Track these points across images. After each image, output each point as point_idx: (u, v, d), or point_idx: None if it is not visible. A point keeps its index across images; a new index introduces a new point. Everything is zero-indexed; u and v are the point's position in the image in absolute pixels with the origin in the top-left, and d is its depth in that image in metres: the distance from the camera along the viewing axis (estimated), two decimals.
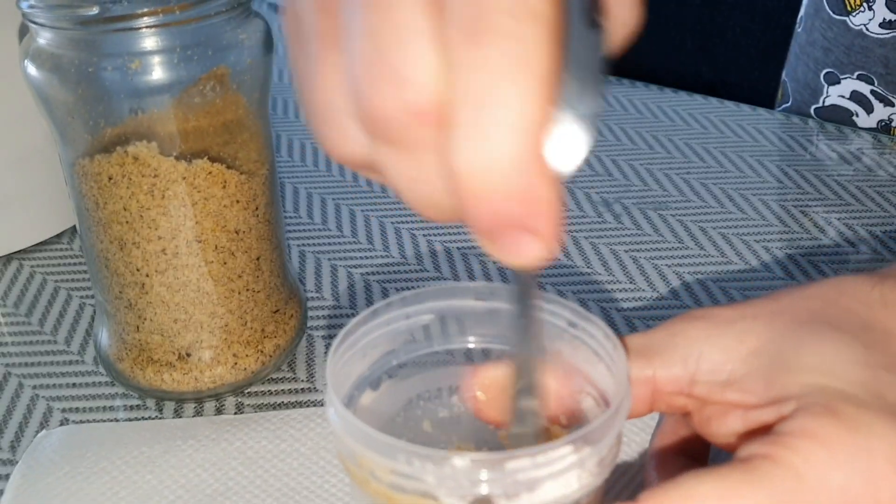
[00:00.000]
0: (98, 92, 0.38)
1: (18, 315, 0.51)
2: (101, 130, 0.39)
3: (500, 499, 0.26)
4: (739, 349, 0.29)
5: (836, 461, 0.25)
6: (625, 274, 0.54)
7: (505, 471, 0.25)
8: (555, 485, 0.26)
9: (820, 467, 0.25)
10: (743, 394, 0.29)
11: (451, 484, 0.26)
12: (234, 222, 0.42)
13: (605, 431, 0.27)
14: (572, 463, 0.26)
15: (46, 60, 0.38)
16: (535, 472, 0.25)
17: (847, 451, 0.25)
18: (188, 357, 0.43)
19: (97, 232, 0.42)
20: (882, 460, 0.25)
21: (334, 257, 0.56)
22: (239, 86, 0.40)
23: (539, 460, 0.25)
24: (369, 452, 0.26)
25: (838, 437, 0.26)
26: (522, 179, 0.21)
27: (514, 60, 0.19)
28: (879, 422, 0.26)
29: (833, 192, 0.62)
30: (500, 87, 0.20)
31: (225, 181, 0.41)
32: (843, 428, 0.26)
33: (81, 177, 0.41)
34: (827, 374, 0.27)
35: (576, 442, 0.26)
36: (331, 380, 0.29)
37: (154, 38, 0.38)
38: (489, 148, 0.20)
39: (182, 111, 0.39)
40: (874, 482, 0.25)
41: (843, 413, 0.26)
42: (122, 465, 0.39)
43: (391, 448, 0.26)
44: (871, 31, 0.66)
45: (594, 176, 0.65)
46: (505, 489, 0.26)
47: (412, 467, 0.26)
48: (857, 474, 0.25)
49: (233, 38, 0.40)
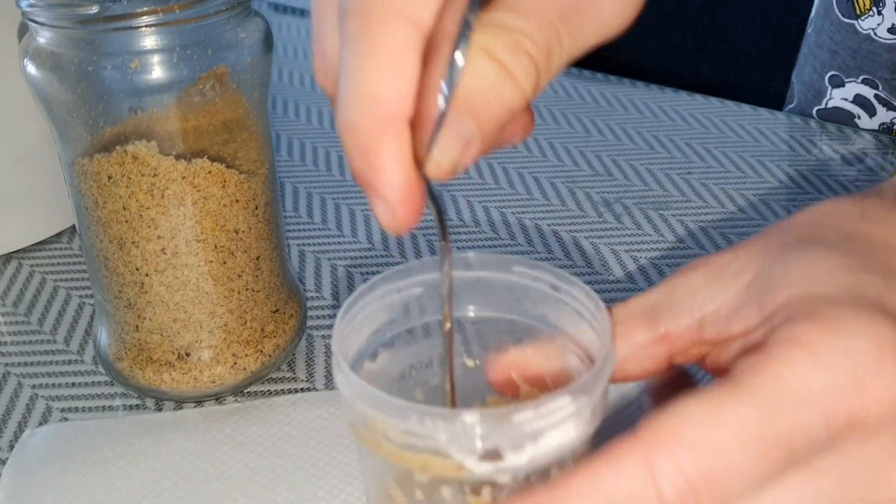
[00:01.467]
0: (97, 91, 0.38)
1: (18, 314, 0.51)
2: (101, 129, 0.39)
3: (506, 451, 0.27)
4: (737, 285, 0.30)
5: (818, 364, 0.25)
6: (625, 274, 0.54)
7: (511, 423, 0.27)
8: (555, 434, 0.28)
9: (802, 371, 0.25)
10: (743, 322, 0.29)
11: (462, 440, 0.27)
12: (234, 222, 0.42)
13: (596, 382, 0.28)
14: (571, 413, 0.27)
15: (46, 59, 0.38)
16: (539, 422, 0.27)
17: (829, 352, 0.26)
18: (187, 357, 0.43)
19: (96, 231, 0.42)
20: (863, 357, 0.25)
21: (334, 257, 0.56)
22: (239, 85, 0.40)
23: (541, 411, 0.27)
24: (381, 415, 0.27)
25: (820, 339, 0.26)
26: (364, 141, 0.25)
27: (372, 51, 0.25)
28: (860, 320, 0.26)
29: (834, 192, 0.62)
30: (359, 68, 0.25)
31: (224, 180, 0.41)
32: (824, 330, 0.26)
33: (81, 176, 0.41)
34: (811, 283, 0.28)
35: (573, 392, 0.27)
36: (337, 349, 0.30)
37: (154, 37, 0.37)
38: (344, 112, 0.26)
39: (182, 110, 0.39)
40: (858, 380, 0.25)
41: (824, 316, 0.26)
42: (113, 458, 0.40)
43: (403, 409, 0.27)
44: (880, 35, 0.66)
45: (595, 176, 0.65)
46: (511, 441, 0.27)
47: (424, 426, 0.27)
48: (840, 374, 0.25)
49: (232, 37, 0.40)
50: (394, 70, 0.25)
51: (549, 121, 0.74)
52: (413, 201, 0.27)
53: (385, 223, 0.27)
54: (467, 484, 0.28)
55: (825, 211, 0.31)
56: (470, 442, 0.27)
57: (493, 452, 0.27)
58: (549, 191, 0.63)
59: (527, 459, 0.27)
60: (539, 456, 0.27)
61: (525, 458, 0.27)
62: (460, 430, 0.27)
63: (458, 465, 0.27)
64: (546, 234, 0.58)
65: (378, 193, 0.26)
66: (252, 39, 0.40)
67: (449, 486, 0.29)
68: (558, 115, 0.75)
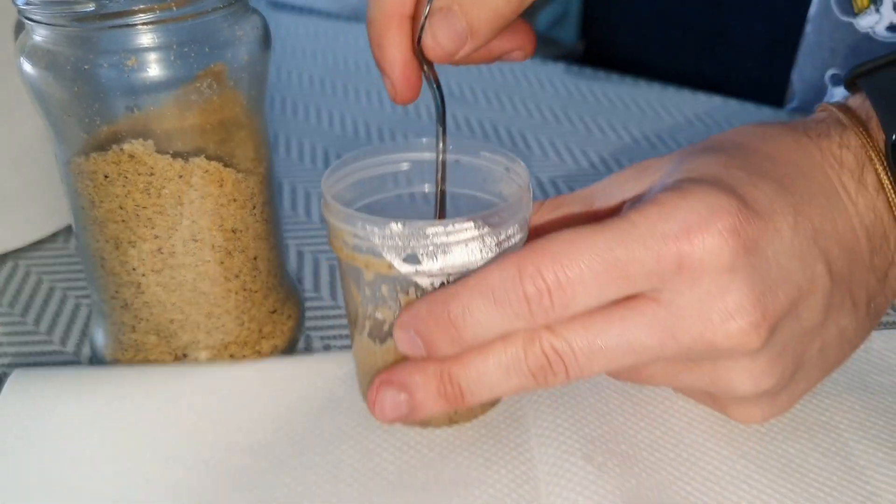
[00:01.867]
0: (94, 89, 0.38)
1: (14, 315, 0.51)
2: (97, 128, 0.39)
3: (423, 257, 0.36)
4: (652, 178, 0.38)
5: (662, 215, 0.33)
6: None
7: (426, 234, 0.35)
8: (462, 251, 0.36)
9: (651, 218, 0.33)
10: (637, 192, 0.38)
11: (390, 243, 0.35)
12: (231, 221, 0.41)
13: (501, 216, 0.36)
14: (473, 236, 0.36)
15: (42, 57, 0.38)
16: (446, 237, 0.35)
17: (672, 208, 0.33)
18: (185, 357, 0.43)
19: (93, 231, 0.41)
20: (697, 215, 0.32)
21: (333, 257, 0.56)
22: (236, 83, 0.40)
23: (448, 229, 0.35)
24: (340, 223, 0.36)
25: (670, 199, 0.33)
26: (376, 31, 0.37)
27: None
28: (708, 192, 0.33)
29: None
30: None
31: (222, 179, 0.41)
32: (676, 195, 0.33)
33: (77, 175, 0.40)
34: (691, 172, 0.35)
35: (475, 220, 0.36)
36: (324, 189, 0.38)
37: (150, 34, 0.37)
38: (368, 13, 0.38)
39: (178, 109, 0.39)
40: (689, 230, 0.32)
41: (683, 188, 0.34)
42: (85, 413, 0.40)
43: (352, 217, 0.36)
44: (878, 34, 0.65)
45: (596, 174, 0.65)
46: (425, 249, 0.35)
47: (364, 231, 0.36)
48: (676, 224, 0.32)
49: (230, 34, 0.39)
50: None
51: (550, 119, 0.74)
52: (409, 78, 0.37)
53: (391, 96, 0.38)
54: (398, 283, 0.36)
55: (738, 130, 0.39)
56: (395, 246, 0.35)
57: (412, 257, 0.36)
58: (550, 190, 0.63)
59: (438, 267, 0.36)
60: (448, 266, 0.36)
61: (437, 266, 0.36)
62: (388, 235, 0.35)
63: (388, 264, 0.36)
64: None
65: (384, 72, 0.37)
66: (250, 37, 0.40)
67: (386, 285, 0.37)
68: (559, 114, 0.75)
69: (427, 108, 0.76)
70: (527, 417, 0.40)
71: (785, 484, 0.37)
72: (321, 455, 0.38)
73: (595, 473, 0.37)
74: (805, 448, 0.38)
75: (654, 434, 0.39)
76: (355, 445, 0.39)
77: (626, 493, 0.36)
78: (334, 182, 0.39)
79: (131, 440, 0.39)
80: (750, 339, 0.33)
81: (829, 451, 0.38)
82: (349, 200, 0.40)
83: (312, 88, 0.81)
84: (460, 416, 0.40)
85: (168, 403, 0.41)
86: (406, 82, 0.37)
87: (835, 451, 0.38)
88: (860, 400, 0.41)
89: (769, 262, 0.33)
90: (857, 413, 0.40)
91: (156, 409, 0.40)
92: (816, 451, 0.38)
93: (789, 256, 0.34)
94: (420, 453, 0.39)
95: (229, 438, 0.39)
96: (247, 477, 0.37)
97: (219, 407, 0.41)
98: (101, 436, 0.39)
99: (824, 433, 0.39)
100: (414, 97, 0.38)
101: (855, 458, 0.38)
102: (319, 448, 0.39)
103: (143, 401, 0.41)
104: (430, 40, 0.36)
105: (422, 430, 0.39)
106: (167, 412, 0.40)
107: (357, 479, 0.37)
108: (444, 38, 0.36)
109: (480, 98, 0.78)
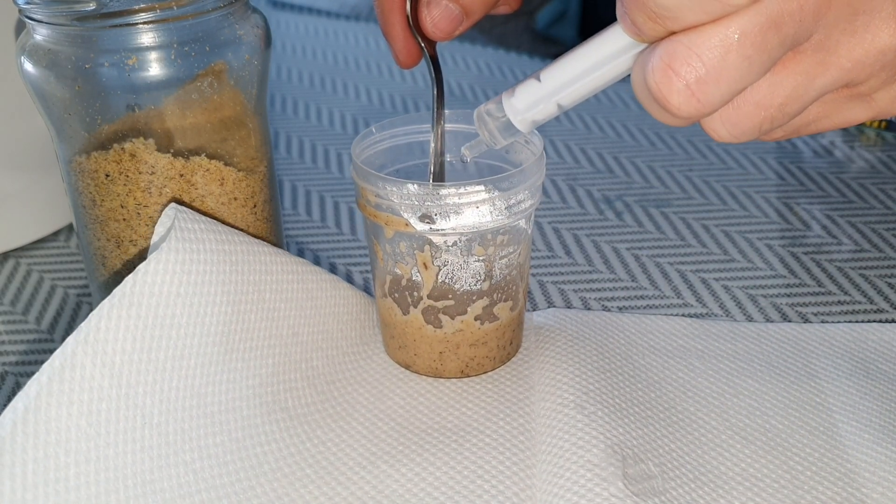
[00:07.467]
0: (95, 88, 0.38)
1: (15, 313, 0.51)
2: (98, 127, 0.39)
3: (437, 217, 0.39)
4: None
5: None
6: (626, 271, 0.53)
7: (440, 195, 0.39)
8: (473, 213, 0.39)
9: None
10: None
11: (407, 202, 0.39)
12: (232, 219, 0.42)
13: (511, 181, 0.39)
14: (484, 199, 0.39)
15: (43, 57, 0.38)
16: (458, 199, 0.39)
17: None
18: None
19: (94, 229, 0.41)
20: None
21: (333, 255, 0.56)
22: (237, 82, 0.40)
23: (461, 191, 0.39)
24: (363, 183, 0.40)
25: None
26: (383, 10, 0.41)
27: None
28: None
29: (839, 190, 0.62)
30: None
31: (223, 178, 0.41)
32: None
33: (78, 174, 0.40)
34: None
35: (485, 184, 0.39)
36: (354, 152, 0.42)
37: (151, 34, 0.37)
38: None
39: (179, 107, 0.39)
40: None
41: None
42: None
43: (374, 177, 0.40)
44: None
45: (596, 173, 0.65)
46: (439, 209, 0.39)
47: (385, 190, 0.39)
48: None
49: (230, 33, 0.39)
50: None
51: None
52: (409, 48, 0.41)
53: (396, 62, 0.42)
54: (415, 241, 0.40)
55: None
56: (412, 205, 0.39)
57: (427, 216, 0.39)
58: (550, 188, 0.63)
59: (451, 226, 0.39)
60: (460, 226, 0.39)
61: (450, 225, 0.39)
62: (405, 195, 0.39)
63: (405, 222, 0.40)
64: (547, 232, 0.58)
65: (389, 42, 0.41)
66: (250, 36, 0.40)
67: (404, 242, 0.41)
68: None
69: (427, 105, 0.76)
70: (532, 376, 0.43)
71: (766, 455, 0.38)
72: (339, 393, 0.42)
73: (584, 421, 0.39)
74: (793, 425, 0.40)
75: (649, 395, 0.42)
76: (371, 389, 0.43)
77: (610, 441, 0.38)
78: (365, 147, 0.43)
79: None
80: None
81: (817, 430, 0.40)
82: (380, 165, 0.44)
83: (313, 87, 0.81)
84: (471, 370, 0.43)
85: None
86: (407, 52, 0.41)
87: (822, 430, 0.40)
88: (857, 385, 0.42)
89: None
90: (851, 396, 0.42)
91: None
92: (804, 428, 0.40)
93: None
94: (429, 401, 0.42)
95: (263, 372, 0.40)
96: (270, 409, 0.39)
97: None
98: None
99: (815, 412, 0.41)
100: (415, 63, 0.42)
101: (840, 438, 0.39)
102: (336, 392, 0.42)
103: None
104: (429, 25, 0.40)
105: (434, 381, 0.43)
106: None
107: (368, 418, 0.41)
108: (442, 22, 0.40)
109: (481, 97, 0.79)
